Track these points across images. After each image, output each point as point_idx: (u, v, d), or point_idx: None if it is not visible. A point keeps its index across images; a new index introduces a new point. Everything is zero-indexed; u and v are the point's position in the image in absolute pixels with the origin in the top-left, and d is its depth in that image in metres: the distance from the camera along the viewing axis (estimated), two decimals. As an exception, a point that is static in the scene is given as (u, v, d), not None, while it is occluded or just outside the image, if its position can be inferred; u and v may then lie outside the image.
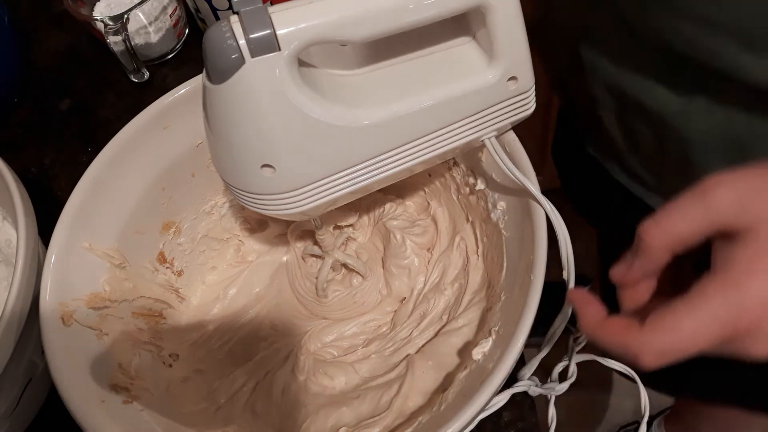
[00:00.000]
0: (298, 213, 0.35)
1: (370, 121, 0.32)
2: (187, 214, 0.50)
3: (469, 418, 0.31)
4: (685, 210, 0.26)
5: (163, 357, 0.44)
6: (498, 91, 0.35)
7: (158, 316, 0.46)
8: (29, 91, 0.65)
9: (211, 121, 0.32)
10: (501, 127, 0.37)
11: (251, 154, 0.32)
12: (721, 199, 0.25)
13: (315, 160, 0.33)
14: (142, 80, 0.61)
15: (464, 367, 0.39)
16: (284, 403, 0.44)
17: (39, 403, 0.45)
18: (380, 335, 0.48)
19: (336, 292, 0.50)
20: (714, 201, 0.25)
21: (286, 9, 0.29)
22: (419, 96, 0.33)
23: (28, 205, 0.41)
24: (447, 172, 0.47)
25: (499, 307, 0.39)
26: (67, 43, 0.68)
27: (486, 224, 0.44)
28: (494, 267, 0.43)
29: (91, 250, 0.41)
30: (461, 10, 0.32)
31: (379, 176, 0.35)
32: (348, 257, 0.49)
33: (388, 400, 0.41)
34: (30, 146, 0.61)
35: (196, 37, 0.66)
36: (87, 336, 0.39)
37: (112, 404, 0.36)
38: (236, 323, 0.49)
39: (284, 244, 0.52)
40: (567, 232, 0.34)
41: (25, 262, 0.38)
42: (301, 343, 0.48)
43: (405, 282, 0.49)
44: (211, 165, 0.48)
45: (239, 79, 0.29)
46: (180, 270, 0.50)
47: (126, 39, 0.55)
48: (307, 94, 0.30)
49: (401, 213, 0.51)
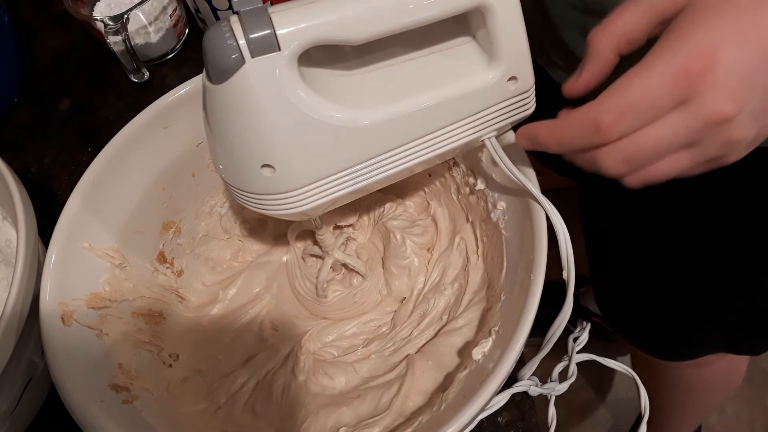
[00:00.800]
0: (298, 213, 0.35)
1: (370, 121, 0.32)
2: (187, 214, 0.50)
3: (469, 418, 0.31)
4: (628, 8, 0.28)
5: (163, 357, 0.44)
6: (498, 91, 0.35)
7: (158, 316, 0.46)
8: (29, 91, 0.65)
9: (211, 121, 0.32)
10: (501, 127, 0.37)
11: (251, 154, 0.32)
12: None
13: (315, 160, 0.33)
14: (142, 80, 0.61)
15: (464, 367, 0.39)
16: (284, 403, 0.44)
17: (39, 403, 0.45)
18: (380, 335, 0.48)
19: (336, 292, 0.50)
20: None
21: (286, 9, 0.29)
22: (419, 96, 0.33)
23: (28, 205, 0.41)
24: (447, 172, 0.47)
25: (499, 307, 0.39)
26: (67, 43, 0.68)
27: (486, 224, 0.44)
28: (494, 267, 0.43)
29: (91, 250, 0.41)
30: (461, 10, 0.32)
31: (380, 176, 0.35)
32: (348, 257, 0.49)
33: (388, 400, 0.41)
34: (30, 146, 0.61)
35: (196, 37, 0.66)
36: (87, 336, 0.39)
37: (112, 404, 0.36)
38: (236, 323, 0.49)
39: (284, 244, 0.52)
40: (567, 232, 0.34)
41: (25, 262, 0.38)
42: (301, 343, 0.48)
43: (405, 282, 0.49)
44: (211, 165, 0.48)
45: (239, 79, 0.29)
46: (180, 270, 0.50)
47: (126, 39, 0.55)
48: (307, 94, 0.30)
49: (401, 213, 0.51)
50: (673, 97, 0.25)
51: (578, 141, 0.28)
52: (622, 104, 0.26)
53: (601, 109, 0.26)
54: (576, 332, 0.43)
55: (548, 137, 0.30)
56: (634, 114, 0.26)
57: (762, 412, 1.09)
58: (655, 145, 0.26)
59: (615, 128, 0.26)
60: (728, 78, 0.24)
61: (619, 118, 0.26)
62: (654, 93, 0.25)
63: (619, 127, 0.26)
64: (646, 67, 0.26)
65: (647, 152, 0.26)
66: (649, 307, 0.62)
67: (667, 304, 0.59)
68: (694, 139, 0.26)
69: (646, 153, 0.26)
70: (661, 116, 0.26)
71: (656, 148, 0.26)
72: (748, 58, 0.25)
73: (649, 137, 0.26)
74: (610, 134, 0.26)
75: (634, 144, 0.26)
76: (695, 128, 0.25)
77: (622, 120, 0.26)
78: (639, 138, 0.26)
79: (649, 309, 0.62)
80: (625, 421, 1.09)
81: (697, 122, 0.25)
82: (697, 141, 0.26)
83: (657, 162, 0.27)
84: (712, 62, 0.24)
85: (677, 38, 0.25)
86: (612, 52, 0.29)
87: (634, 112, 0.26)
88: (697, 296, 0.56)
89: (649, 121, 0.26)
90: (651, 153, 0.26)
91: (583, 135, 0.27)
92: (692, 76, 0.25)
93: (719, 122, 0.25)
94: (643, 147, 0.26)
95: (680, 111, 0.25)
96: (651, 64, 0.26)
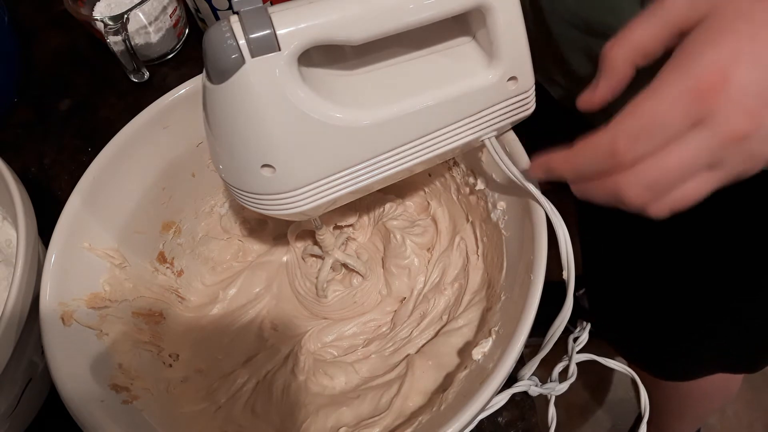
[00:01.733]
0: (298, 213, 0.35)
1: (370, 121, 0.32)
2: (187, 214, 0.50)
3: (469, 418, 0.31)
4: (643, 20, 0.28)
5: (163, 357, 0.44)
6: (498, 91, 0.35)
7: (158, 316, 0.46)
8: (29, 91, 0.65)
9: (211, 121, 0.32)
10: (501, 127, 0.37)
11: (251, 154, 0.32)
12: (674, 2, 0.27)
13: (315, 160, 0.33)
14: (142, 80, 0.61)
15: (464, 367, 0.39)
16: (284, 403, 0.44)
17: (39, 403, 0.45)
18: (380, 335, 0.48)
19: (336, 292, 0.50)
20: (667, 5, 0.27)
21: (286, 9, 0.29)
22: (419, 96, 0.33)
23: (28, 205, 0.41)
24: (447, 172, 0.47)
25: (499, 307, 0.39)
26: (67, 43, 0.68)
27: (486, 224, 0.44)
28: (494, 267, 0.43)
29: (91, 250, 0.41)
30: (461, 10, 0.32)
31: (380, 176, 0.35)
32: (348, 257, 0.49)
33: (388, 400, 0.41)
34: (30, 146, 0.61)
35: (196, 37, 0.66)
36: (87, 336, 0.39)
37: (112, 404, 0.36)
38: (236, 323, 0.49)
39: (284, 244, 0.52)
40: (567, 232, 0.34)
41: (25, 262, 0.38)
42: (301, 343, 0.48)
43: (405, 282, 0.49)
44: (211, 165, 0.48)
45: (239, 79, 0.29)
46: (180, 270, 0.50)
47: (126, 39, 0.55)
48: (307, 94, 0.30)
49: (401, 213, 0.51)
50: (688, 117, 0.25)
51: (594, 167, 0.27)
52: (636, 126, 0.26)
53: (615, 133, 0.26)
54: (576, 332, 0.43)
55: (563, 166, 0.29)
56: (648, 136, 0.25)
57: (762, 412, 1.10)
58: (678, 166, 0.26)
59: (631, 151, 0.26)
60: (742, 95, 0.24)
61: (634, 140, 0.26)
62: (667, 114, 0.25)
63: (635, 151, 0.26)
64: (658, 88, 0.25)
65: (670, 175, 0.26)
66: (644, 326, 0.62)
67: (661, 325, 0.59)
68: (716, 157, 0.25)
69: (669, 176, 0.26)
70: (678, 138, 0.25)
71: (679, 170, 0.26)
72: (763, 73, 0.24)
73: (670, 160, 0.25)
74: (626, 157, 0.26)
75: (655, 168, 0.26)
76: (715, 147, 0.25)
77: (637, 143, 0.26)
78: (660, 162, 0.26)
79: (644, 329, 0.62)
80: (624, 421, 1.09)
81: (715, 141, 0.25)
82: (719, 160, 0.26)
83: (681, 186, 0.26)
84: (724, 81, 0.24)
85: (688, 57, 0.25)
86: (628, 65, 0.29)
87: (648, 134, 0.25)
88: (690, 315, 0.56)
89: (666, 143, 0.25)
90: (674, 176, 0.26)
91: (599, 161, 0.27)
92: (704, 95, 0.24)
93: (738, 139, 0.25)
94: (664, 170, 0.26)
95: (698, 131, 0.25)
96: (662, 85, 0.25)
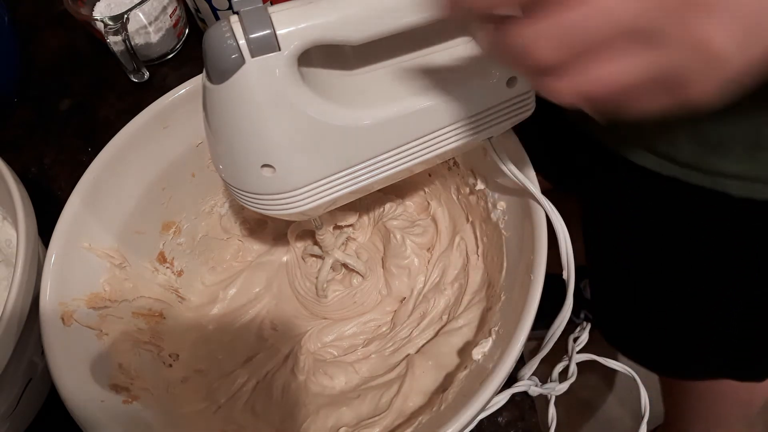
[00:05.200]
0: (298, 213, 0.35)
1: (370, 121, 0.32)
2: (187, 214, 0.50)
3: (469, 418, 0.31)
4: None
5: (163, 357, 0.44)
6: (498, 92, 0.35)
7: (158, 316, 0.46)
8: (29, 91, 0.65)
9: (211, 121, 0.32)
10: (501, 127, 0.37)
11: (251, 154, 0.32)
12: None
13: (315, 160, 0.33)
14: (142, 80, 0.61)
15: (464, 367, 0.39)
16: (284, 403, 0.44)
17: (39, 403, 0.45)
18: (380, 335, 0.48)
19: (336, 292, 0.50)
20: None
21: (286, 9, 0.29)
22: (419, 96, 0.33)
23: (28, 205, 0.41)
24: (447, 172, 0.47)
25: (499, 307, 0.39)
26: (67, 43, 0.68)
27: (486, 224, 0.44)
28: (494, 267, 0.43)
29: (91, 250, 0.41)
30: (461, 10, 0.32)
31: (380, 176, 0.35)
32: (348, 257, 0.49)
33: (388, 400, 0.41)
34: (30, 146, 0.61)
35: (196, 37, 0.66)
36: (87, 336, 0.39)
37: (112, 404, 0.36)
38: (236, 323, 0.49)
39: (284, 244, 0.52)
40: (567, 232, 0.34)
41: (25, 262, 0.38)
42: (301, 343, 0.48)
43: (405, 282, 0.49)
44: (211, 165, 0.48)
45: (239, 79, 0.29)
46: (180, 270, 0.50)
47: (126, 39, 0.55)
48: (307, 94, 0.30)
49: (401, 213, 0.51)
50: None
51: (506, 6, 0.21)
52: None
53: None
54: (576, 332, 0.43)
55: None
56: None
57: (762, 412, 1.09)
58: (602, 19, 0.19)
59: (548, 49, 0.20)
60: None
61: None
62: None
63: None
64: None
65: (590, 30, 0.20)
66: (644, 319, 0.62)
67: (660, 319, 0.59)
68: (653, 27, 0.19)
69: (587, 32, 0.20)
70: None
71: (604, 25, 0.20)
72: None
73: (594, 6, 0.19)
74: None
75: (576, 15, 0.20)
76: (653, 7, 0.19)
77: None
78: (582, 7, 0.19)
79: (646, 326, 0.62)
80: (625, 421, 1.09)
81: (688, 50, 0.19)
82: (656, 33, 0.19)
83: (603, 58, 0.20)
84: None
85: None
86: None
87: None
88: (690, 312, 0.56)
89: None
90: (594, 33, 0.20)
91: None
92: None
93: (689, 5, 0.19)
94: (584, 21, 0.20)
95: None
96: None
